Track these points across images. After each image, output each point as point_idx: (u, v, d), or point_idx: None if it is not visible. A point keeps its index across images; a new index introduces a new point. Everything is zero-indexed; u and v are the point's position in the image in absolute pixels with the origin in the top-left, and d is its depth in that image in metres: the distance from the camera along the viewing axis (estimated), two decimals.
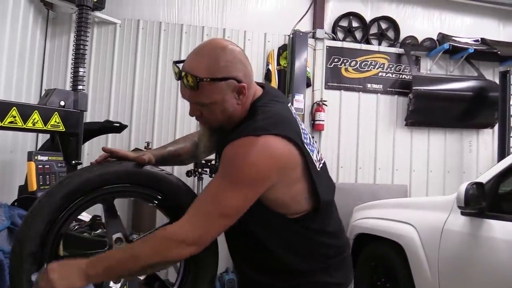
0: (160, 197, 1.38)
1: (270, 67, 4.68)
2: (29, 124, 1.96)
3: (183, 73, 1.22)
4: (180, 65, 1.28)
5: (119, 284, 1.35)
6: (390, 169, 5.01)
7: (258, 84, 1.39)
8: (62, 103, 2.15)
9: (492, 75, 5.25)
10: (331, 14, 5.09)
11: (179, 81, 1.25)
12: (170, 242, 1.15)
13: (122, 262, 1.15)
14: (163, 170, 1.40)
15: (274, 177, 1.19)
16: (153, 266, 1.19)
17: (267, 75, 4.68)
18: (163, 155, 1.48)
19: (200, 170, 4.03)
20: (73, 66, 2.35)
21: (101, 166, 1.31)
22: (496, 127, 4.97)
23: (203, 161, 3.95)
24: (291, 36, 4.73)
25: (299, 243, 1.31)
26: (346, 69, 4.97)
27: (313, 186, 1.26)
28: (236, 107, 1.27)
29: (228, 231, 1.27)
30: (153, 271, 1.23)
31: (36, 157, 2.63)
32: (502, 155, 4.56)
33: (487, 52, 5.07)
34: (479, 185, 2.54)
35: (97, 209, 1.49)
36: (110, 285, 1.40)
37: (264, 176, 1.17)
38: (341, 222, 1.48)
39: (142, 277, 1.35)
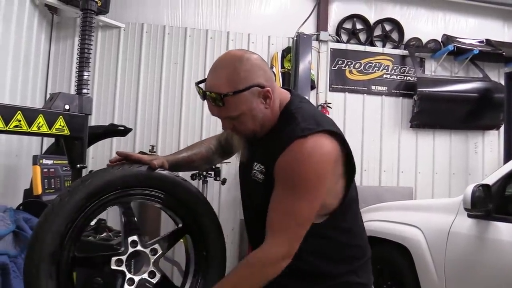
0: (174, 201, 1.40)
1: (274, 69, 4.68)
2: (34, 128, 1.97)
3: (207, 93, 1.25)
4: (203, 85, 1.31)
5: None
6: (395, 171, 4.99)
7: (283, 88, 1.42)
8: (67, 107, 2.16)
9: (497, 76, 5.22)
10: (335, 16, 5.09)
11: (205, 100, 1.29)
12: (267, 266, 1.21)
13: None
14: (178, 176, 1.42)
15: (330, 174, 1.24)
16: None
17: None
18: (177, 161, 1.50)
19: (205, 173, 4.03)
20: (77, 70, 2.36)
21: (121, 168, 1.31)
22: (502, 128, 4.94)
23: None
24: (295, 38, 4.73)
25: (328, 247, 1.34)
26: (350, 71, 4.96)
27: (350, 181, 1.32)
28: (265, 112, 1.29)
29: (258, 239, 1.30)
30: None
31: (41, 161, 2.64)
32: (508, 156, 4.52)
33: (492, 53, 5.04)
34: (485, 187, 2.52)
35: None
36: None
37: (323, 176, 1.22)
38: (363, 221, 1.49)
39: (153, 280, 1.35)
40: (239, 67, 1.23)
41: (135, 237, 1.33)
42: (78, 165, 2.26)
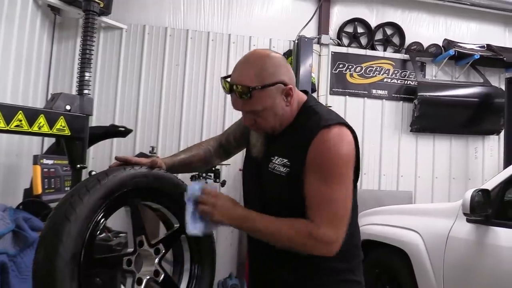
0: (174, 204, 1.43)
1: None
2: (35, 128, 1.98)
3: (234, 86, 1.29)
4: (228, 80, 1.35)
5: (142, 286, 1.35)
6: (395, 175, 4.99)
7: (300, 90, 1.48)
8: (68, 107, 2.17)
9: (497, 81, 5.23)
10: (336, 20, 5.10)
11: (230, 94, 1.33)
12: (313, 241, 1.23)
13: (266, 231, 1.27)
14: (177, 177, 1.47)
15: (353, 161, 1.31)
16: (285, 248, 1.27)
17: None
18: (174, 163, 1.54)
19: (204, 174, 4.03)
20: (79, 70, 2.37)
21: (133, 169, 1.33)
22: (502, 133, 4.94)
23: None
24: (296, 41, 4.74)
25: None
26: (351, 75, 4.97)
27: (356, 181, 1.37)
28: (286, 109, 1.35)
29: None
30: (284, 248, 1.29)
31: (41, 161, 2.64)
32: (508, 161, 4.52)
33: (493, 58, 5.05)
34: (485, 192, 2.52)
35: None
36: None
37: (351, 161, 1.30)
38: None
39: (158, 279, 1.36)
40: (267, 63, 1.30)
41: (142, 238, 1.35)
42: (78, 165, 2.27)
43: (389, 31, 5.19)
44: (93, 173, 2.61)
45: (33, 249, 2.00)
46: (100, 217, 1.22)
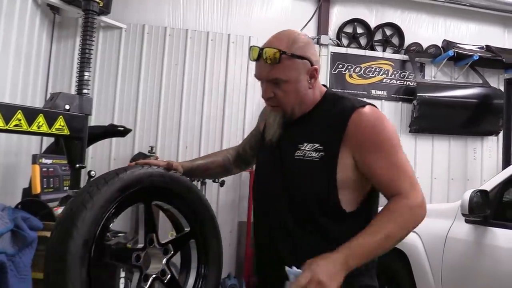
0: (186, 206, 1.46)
1: None
2: (34, 127, 1.98)
3: (263, 50, 1.28)
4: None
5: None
6: None
7: None
8: (67, 106, 2.16)
9: (496, 82, 5.23)
10: (335, 20, 5.10)
11: (256, 61, 1.32)
12: (417, 209, 1.24)
13: (379, 245, 1.18)
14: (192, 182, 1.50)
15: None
16: (401, 240, 1.23)
17: None
18: (192, 167, 1.55)
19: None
20: (78, 70, 2.37)
21: (150, 168, 1.36)
22: (501, 134, 4.94)
23: None
24: None
25: None
26: (350, 75, 4.97)
27: None
28: (307, 91, 1.34)
29: (275, 227, 1.34)
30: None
31: (40, 160, 2.64)
32: (506, 162, 4.53)
33: (492, 59, 5.06)
34: (483, 192, 2.53)
35: None
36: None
37: (396, 133, 1.31)
38: None
39: (164, 278, 1.38)
40: (299, 38, 1.31)
41: (153, 236, 1.36)
42: (77, 165, 2.27)
43: (388, 32, 5.19)
44: (92, 173, 2.62)
45: (32, 249, 2.01)
46: (114, 209, 1.25)
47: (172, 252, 1.40)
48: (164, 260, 1.38)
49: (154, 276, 1.34)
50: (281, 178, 1.36)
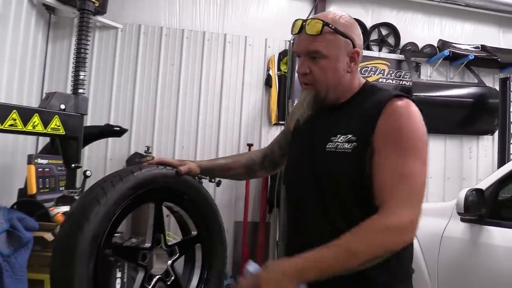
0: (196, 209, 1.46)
1: (270, 72, 4.69)
2: (30, 127, 1.97)
3: (306, 22, 1.25)
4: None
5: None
6: None
7: None
8: (63, 106, 2.16)
9: (492, 81, 5.25)
10: None
11: (297, 35, 1.28)
12: (396, 231, 1.08)
13: (339, 262, 1.06)
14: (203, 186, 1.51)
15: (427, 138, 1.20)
16: (371, 261, 1.07)
17: (268, 80, 4.70)
18: (212, 166, 1.53)
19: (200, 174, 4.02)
20: (74, 69, 2.37)
21: (165, 169, 1.35)
22: (496, 133, 4.97)
23: None
24: (292, 41, 4.74)
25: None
26: None
27: None
28: (345, 75, 1.27)
29: (310, 221, 1.26)
30: (368, 266, 1.08)
31: (36, 160, 2.63)
32: (502, 161, 4.56)
33: (487, 59, 5.08)
34: (479, 191, 2.54)
35: None
36: None
37: (425, 136, 1.20)
38: None
39: (168, 280, 1.38)
40: (345, 17, 1.28)
41: (160, 236, 1.36)
42: (73, 165, 2.26)
43: (384, 32, 5.21)
44: (88, 173, 2.61)
45: (28, 249, 2.00)
46: (126, 207, 1.24)
47: (178, 254, 1.40)
48: (170, 262, 1.38)
49: (158, 276, 1.34)
50: (312, 171, 1.27)
